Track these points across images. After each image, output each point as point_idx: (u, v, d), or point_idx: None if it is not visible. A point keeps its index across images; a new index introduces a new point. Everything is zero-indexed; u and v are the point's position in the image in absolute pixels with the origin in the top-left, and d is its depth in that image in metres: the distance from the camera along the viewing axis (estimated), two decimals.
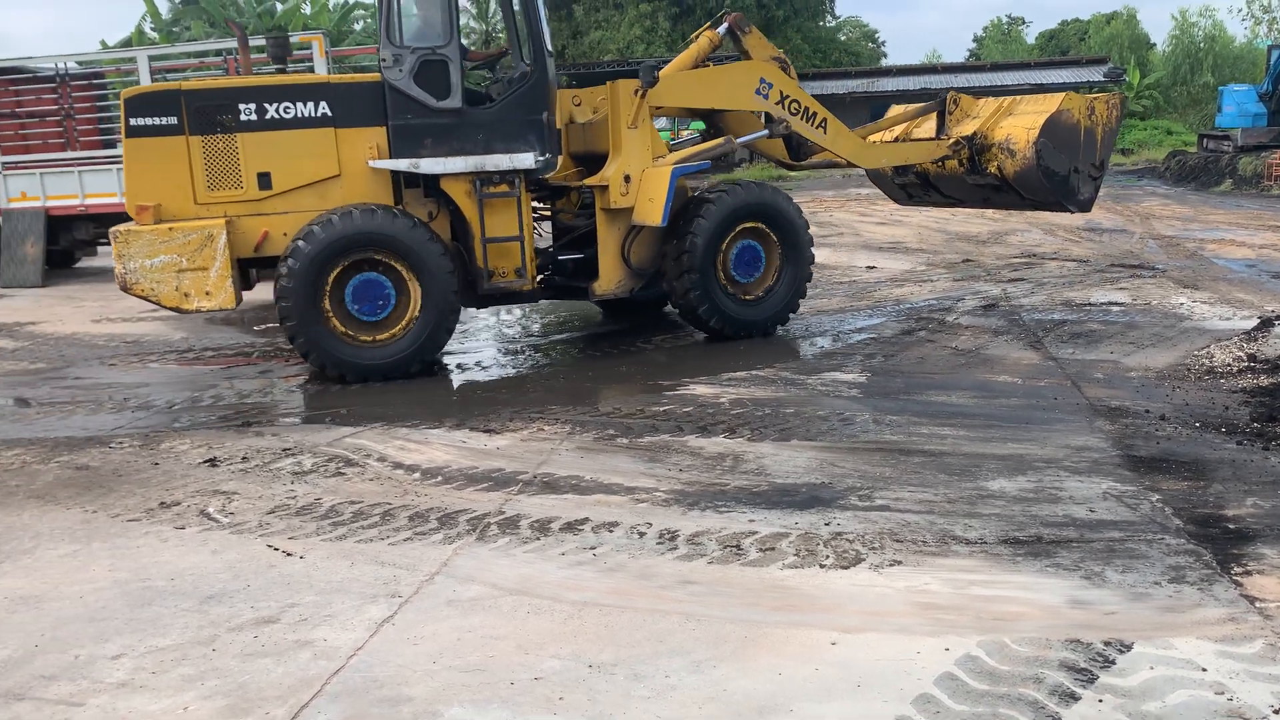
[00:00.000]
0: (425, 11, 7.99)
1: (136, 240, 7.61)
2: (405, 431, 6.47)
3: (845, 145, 9.22)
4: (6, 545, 4.79)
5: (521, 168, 8.04)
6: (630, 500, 5.01)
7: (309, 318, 7.63)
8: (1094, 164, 9.10)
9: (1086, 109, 8.97)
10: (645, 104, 8.32)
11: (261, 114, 7.83)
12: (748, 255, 8.73)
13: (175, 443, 6.43)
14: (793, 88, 8.92)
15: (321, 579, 4.26)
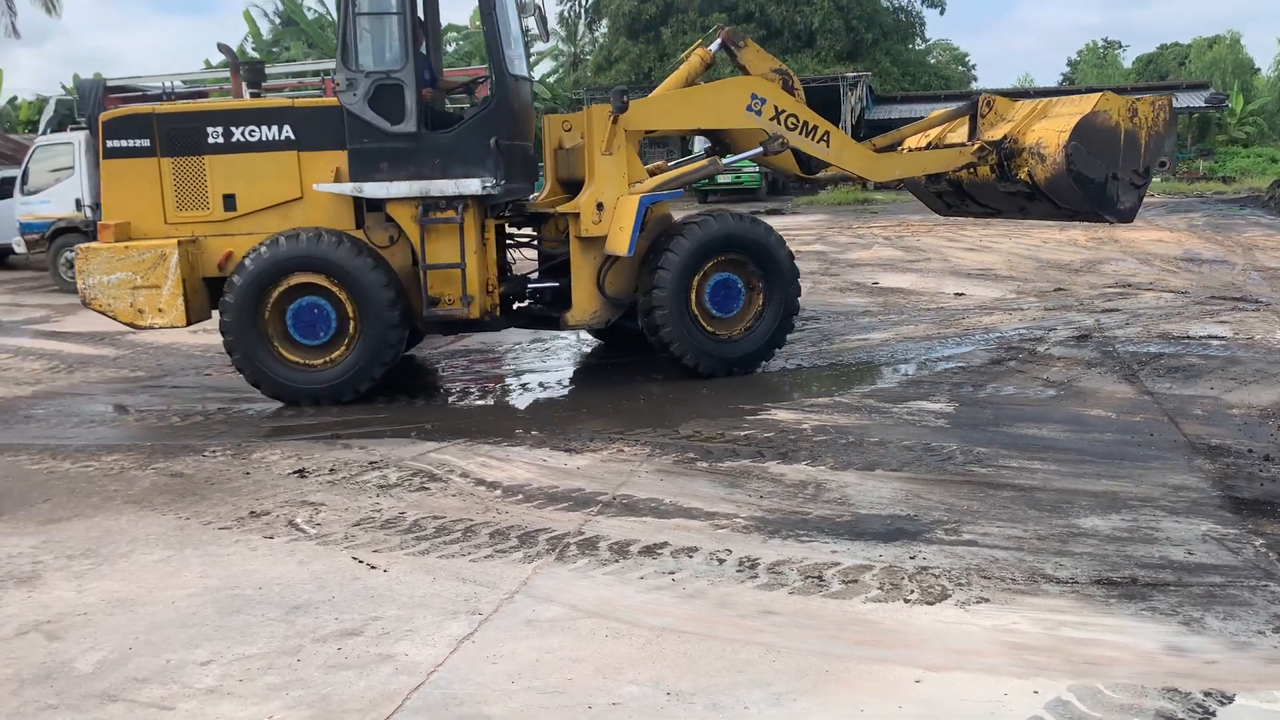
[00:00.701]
0: (380, 36, 7.96)
1: (96, 257, 7.82)
2: (487, 448, 6.53)
3: (852, 159, 8.83)
4: (105, 548, 4.95)
5: (467, 193, 7.85)
6: (710, 526, 4.98)
7: (248, 336, 7.71)
8: (1136, 170, 8.47)
9: (1127, 110, 8.39)
10: (619, 129, 8.10)
11: (228, 137, 7.94)
12: (725, 290, 8.31)
13: (266, 452, 6.59)
14: (789, 101, 8.53)
15: (404, 593, 4.31)
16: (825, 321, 10.88)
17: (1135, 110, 8.43)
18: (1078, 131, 8.23)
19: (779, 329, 8.44)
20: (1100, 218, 8.79)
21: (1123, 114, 8.38)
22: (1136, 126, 8.44)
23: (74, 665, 3.76)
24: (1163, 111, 8.56)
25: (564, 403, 7.87)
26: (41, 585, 4.53)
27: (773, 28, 43.84)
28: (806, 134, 8.54)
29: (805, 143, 8.58)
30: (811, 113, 8.57)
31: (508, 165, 7.98)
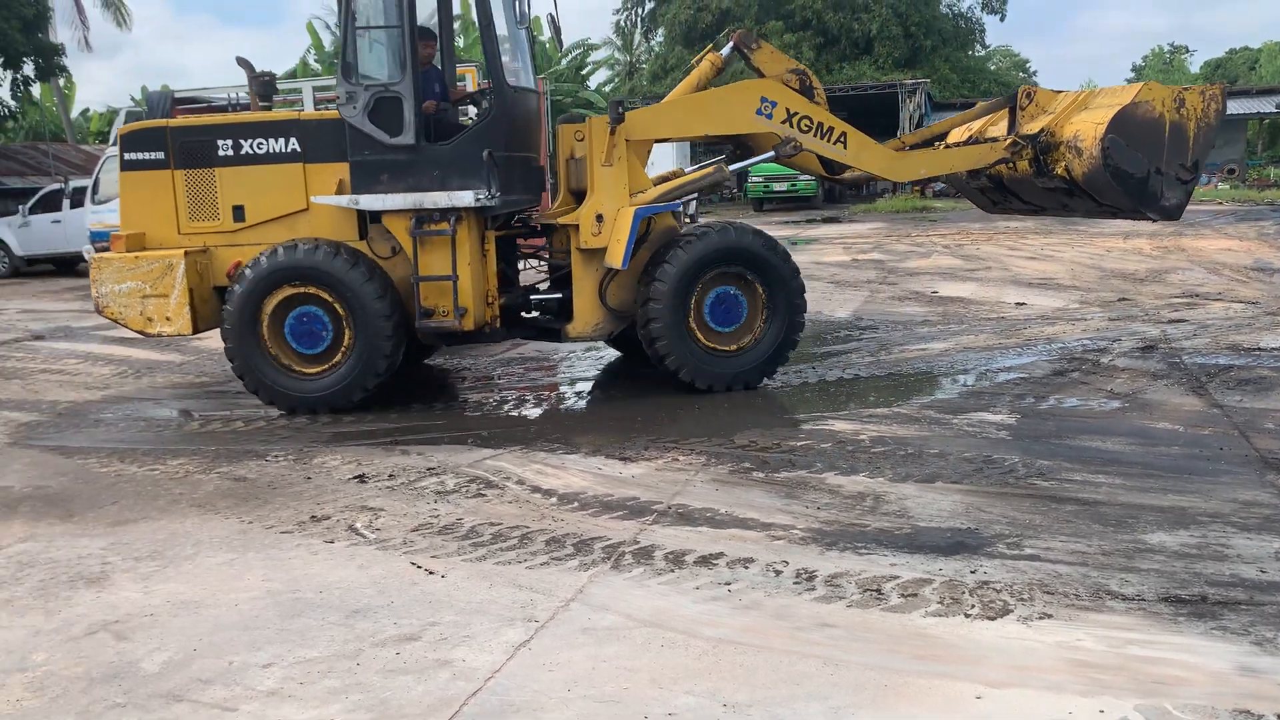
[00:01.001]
0: (379, 49, 8.05)
1: (108, 267, 8.12)
2: (543, 455, 6.56)
3: (871, 160, 8.54)
4: (170, 550, 5.06)
5: (460, 205, 7.81)
6: (766, 537, 4.95)
7: (247, 344, 7.87)
8: (1184, 165, 8.01)
9: (1173, 101, 7.95)
10: (619, 140, 8.04)
11: (237, 150, 8.13)
12: (725, 304, 8.15)
13: (327, 458, 6.68)
14: (802, 103, 8.27)
15: (461, 599, 4.34)
16: (883, 331, 10.77)
17: (1182, 100, 8.01)
18: (1115, 123, 7.84)
19: (782, 345, 8.23)
20: (1143, 215, 8.42)
21: (1168, 104, 7.96)
22: (1184, 118, 7.99)
23: (140, 665, 3.84)
24: (1214, 102, 8.09)
25: (618, 411, 7.88)
26: (110, 586, 4.63)
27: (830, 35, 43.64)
28: (821, 136, 8.32)
29: (820, 145, 8.35)
30: (826, 114, 8.36)
31: (507, 177, 7.98)
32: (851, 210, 34.51)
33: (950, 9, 47.27)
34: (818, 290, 14.34)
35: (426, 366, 9.86)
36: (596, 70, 45.36)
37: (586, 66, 43.76)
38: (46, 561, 4.96)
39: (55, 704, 3.57)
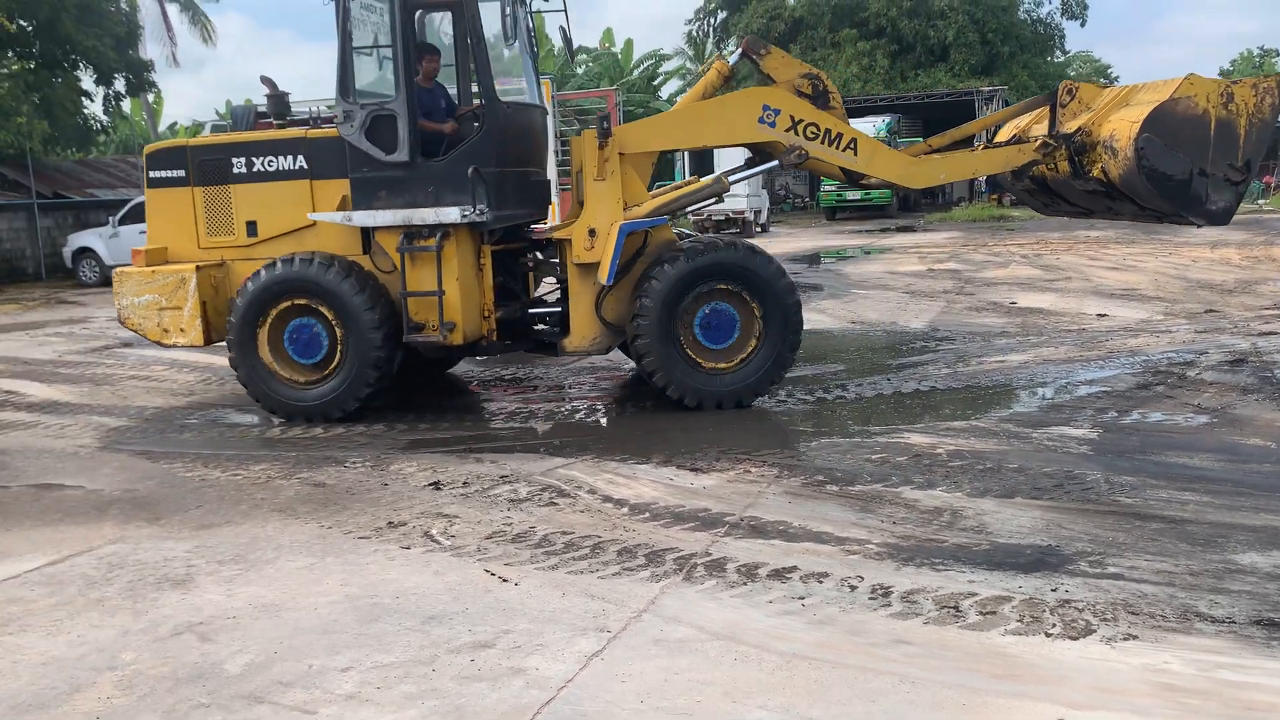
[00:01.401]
0: (374, 68, 8.22)
1: (128, 280, 8.49)
2: (614, 465, 6.57)
3: (885, 166, 8.23)
4: (252, 554, 5.18)
5: (447, 221, 7.89)
6: (841, 551, 4.89)
7: (248, 354, 8.13)
8: (1233, 165, 7.49)
9: (1220, 96, 7.45)
10: (611, 154, 7.99)
11: (250, 167, 8.38)
12: (718, 320, 7.98)
13: (403, 465, 6.79)
14: (807, 110, 8.05)
15: (534, 607, 4.36)
16: (960, 342, 10.60)
17: (1230, 95, 7.49)
18: (1151, 121, 7.38)
19: (775, 364, 8.00)
20: (1186, 220, 7.97)
21: (1213, 100, 7.46)
22: (1233, 114, 7.47)
23: (223, 666, 3.93)
24: (1269, 95, 7.53)
25: (689, 421, 7.85)
26: (194, 588, 4.76)
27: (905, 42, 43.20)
28: (830, 143, 8.09)
29: (829, 152, 8.11)
30: (834, 119, 8.13)
31: (500, 192, 8.00)
32: (926, 219, 34.08)
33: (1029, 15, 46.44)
34: (892, 300, 14.19)
35: (500, 376, 9.95)
36: (668, 80, 45.47)
37: (658, 76, 43.91)
38: (135, 563, 5.11)
39: (143, 702, 3.67)
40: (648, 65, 43.19)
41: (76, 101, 26.43)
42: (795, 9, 45.43)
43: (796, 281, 17.19)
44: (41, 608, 4.58)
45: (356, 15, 8.06)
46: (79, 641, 4.21)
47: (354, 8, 8.01)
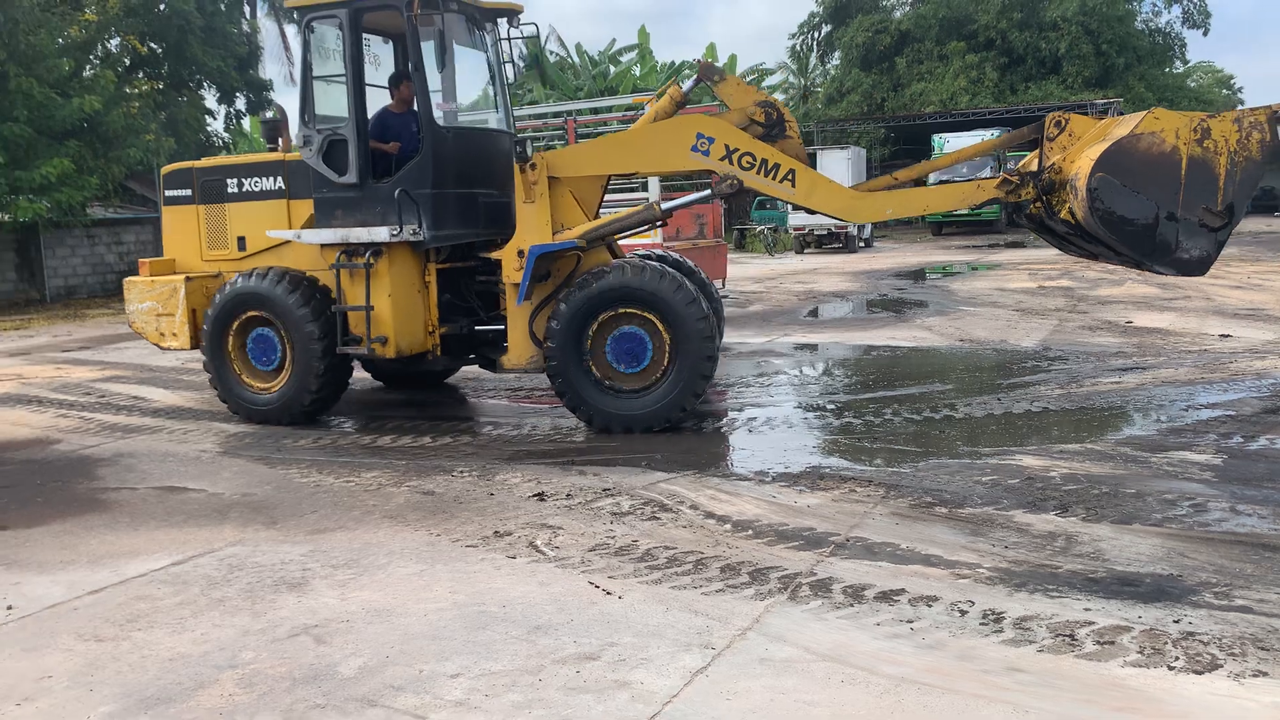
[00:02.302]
0: (330, 96, 8.65)
1: (134, 288, 9.44)
2: (716, 481, 6.56)
3: (825, 199, 7.97)
4: (365, 559, 5.32)
5: (377, 240, 8.30)
6: (950, 575, 4.79)
7: (217, 360, 8.89)
8: (1210, 209, 6.78)
9: (1191, 132, 6.78)
10: (539, 178, 8.14)
11: (240, 187, 9.12)
12: (629, 344, 7.95)
13: (508, 475, 6.89)
14: (743, 139, 7.91)
15: (639, 621, 4.38)
16: (1073, 362, 10.29)
17: (1206, 130, 6.81)
18: (1106, 160, 6.83)
19: (685, 389, 7.87)
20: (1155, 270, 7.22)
21: (1184, 135, 6.81)
22: (1210, 151, 6.78)
23: (338, 669, 4.04)
24: (1257, 130, 6.74)
25: (792, 439, 7.80)
26: (310, 591, 4.90)
27: (1015, 55, 42.28)
28: (766, 173, 7.90)
29: (765, 183, 7.96)
30: (773, 150, 7.94)
31: (438, 213, 8.36)
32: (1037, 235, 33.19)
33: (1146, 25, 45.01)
34: (1001, 318, 13.87)
35: None
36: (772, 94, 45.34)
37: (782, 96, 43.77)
38: (254, 565, 5.30)
39: (262, 701, 3.80)
40: (750, 80, 43.11)
41: (200, 119, 27.65)
42: (901, 22, 44.89)
43: (900, 298, 16.98)
44: (167, 605, 4.78)
45: (317, 45, 8.68)
46: (202, 639, 4.38)
47: (313, 39, 8.65)
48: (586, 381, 8.02)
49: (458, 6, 8.66)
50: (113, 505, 6.56)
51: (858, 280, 21.29)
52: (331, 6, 8.44)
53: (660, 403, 7.94)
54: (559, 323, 7.94)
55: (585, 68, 40.85)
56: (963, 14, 43.21)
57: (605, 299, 7.90)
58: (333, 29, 8.57)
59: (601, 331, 8.00)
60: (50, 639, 4.44)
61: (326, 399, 8.81)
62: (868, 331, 13.44)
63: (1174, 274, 7.23)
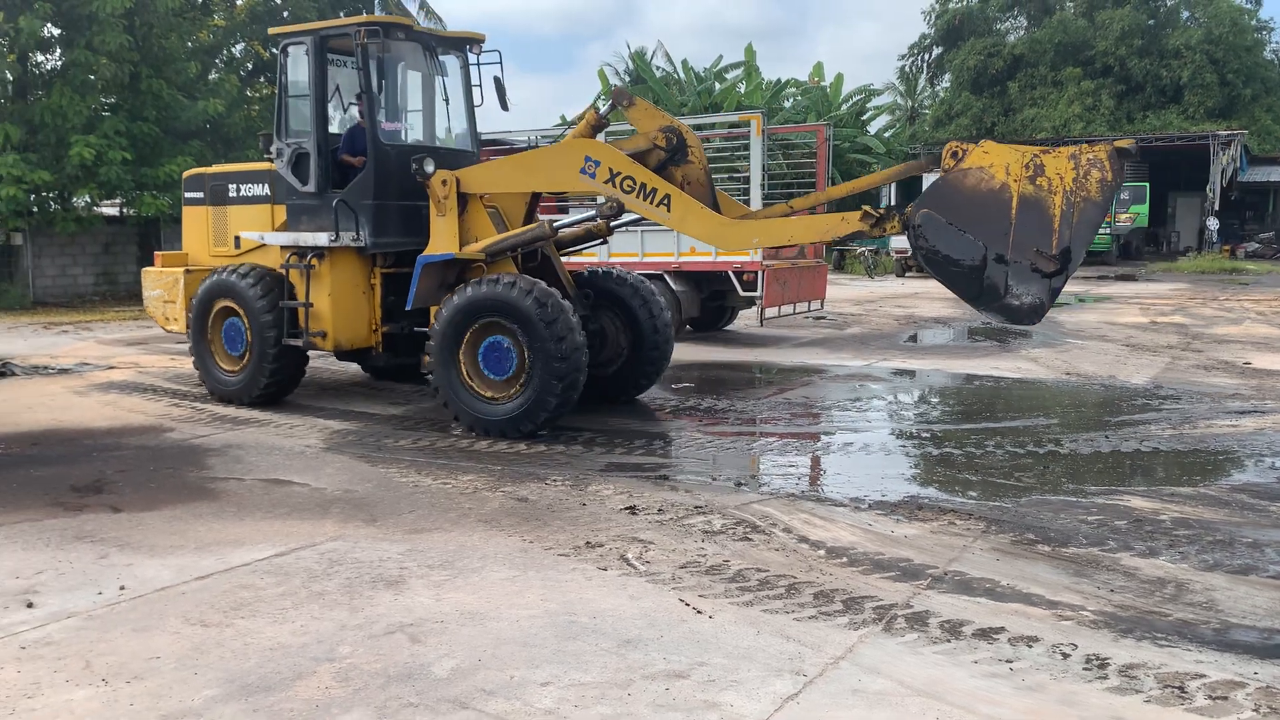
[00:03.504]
0: (298, 113, 9.59)
1: (148, 278, 10.91)
2: (810, 505, 6.48)
3: (697, 225, 8.07)
4: (460, 561, 5.39)
5: (320, 245, 9.22)
6: (1052, 615, 4.64)
7: (199, 346, 10.06)
8: (1043, 253, 6.22)
9: (1023, 168, 6.26)
10: (449, 193, 8.73)
11: (238, 191, 10.24)
12: (497, 353, 8.39)
13: (600, 487, 6.92)
14: (626, 164, 8.08)
15: (729, 642, 4.34)
16: (1186, 402, 9.91)
17: (1040, 167, 6.27)
18: (931, 196, 6.47)
19: (542, 397, 8.14)
20: (995, 316, 6.64)
21: (1015, 172, 6.30)
22: (1045, 190, 6.23)
23: (431, 669, 4.10)
24: (1096, 169, 6.18)
25: (889, 466, 7.67)
26: (406, 590, 4.99)
27: (1133, 82, 41.09)
28: (644, 197, 8.04)
29: (642, 206, 8.13)
30: (652, 175, 8.08)
31: (379, 222, 9.18)
32: (1149, 268, 32.18)
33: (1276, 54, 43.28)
34: (1110, 353, 13.45)
35: (694, 406, 10.00)
36: (877, 115, 44.81)
37: (867, 112, 43.34)
38: (353, 561, 5.41)
39: (357, 696, 3.87)
40: (857, 100, 42.71)
41: None
42: (1015, 46, 43.99)
43: (1004, 328, 16.56)
44: (270, 596, 4.92)
45: (291, 67, 9.65)
46: (301, 631, 4.49)
47: (288, 62, 9.64)
48: (460, 386, 8.54)
49: (405, 35, 9.45)
50: (221, 494, 6.78)
51: (960, 307, 20.87)
52: (301, 34, 9.53)
53: (516, 411, 8.29)
54: (436, 330, 8.58)
55: (690, 84, 40.97)
56: (1080, 39, 42.15)
57: (472, 309, 8.40)
58: (303, 53, 9.50)
59: (474, 340, 8.51)
60: (159, 621, 4.61)
61: (280, 384, 9.82)
62: (970, 360, 13.16)
63: (1003, 321, 6.73)
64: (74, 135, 19.59)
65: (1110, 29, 41.12)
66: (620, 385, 9.80)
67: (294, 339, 9.50)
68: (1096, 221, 6.26)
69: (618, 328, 9.68)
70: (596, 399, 9.61)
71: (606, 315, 9.67)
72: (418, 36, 9.69)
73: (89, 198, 20.98)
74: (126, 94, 21.00)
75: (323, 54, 9.37)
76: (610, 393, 9.80)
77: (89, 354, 13.61)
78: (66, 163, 19.57)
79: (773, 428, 9.09)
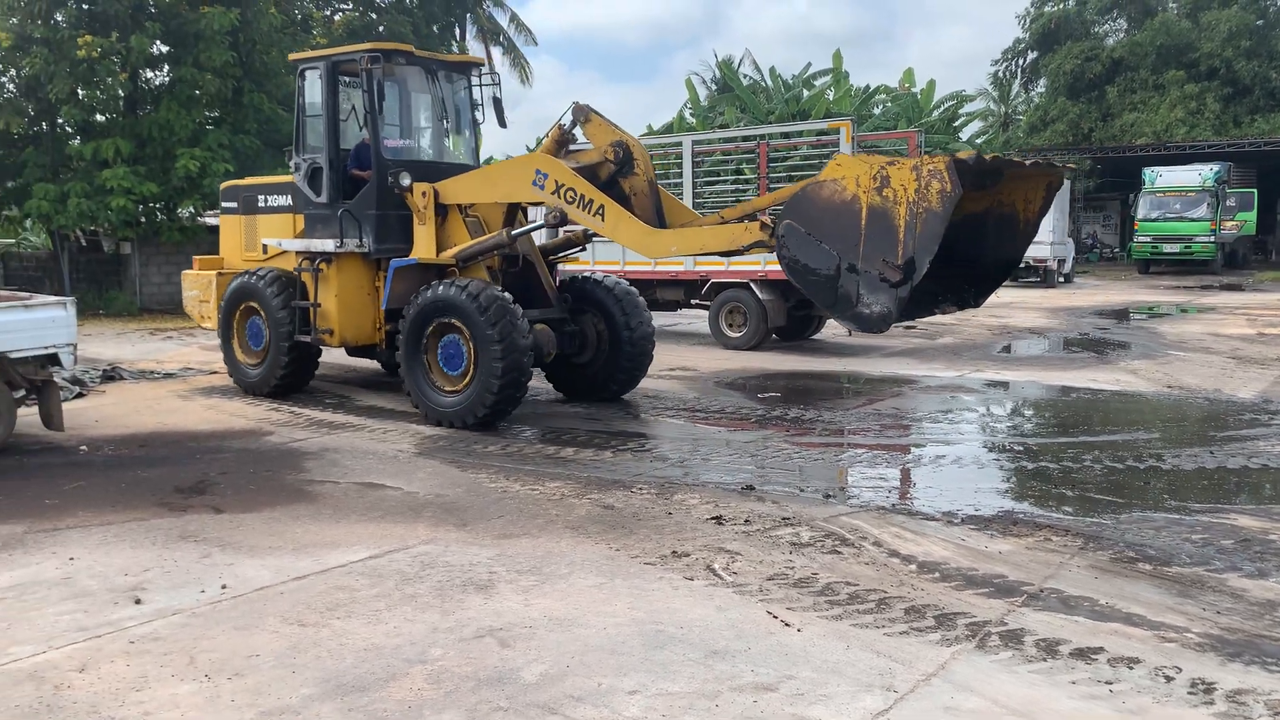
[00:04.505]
0: (313, 131, 10.56)
1: (187, 279, 12.10)
2: (901, 519, 6.39)
3: (625, 234, 8.65)
4: (547, 568, 5.44)
5: (328, 250, 10.13)
6: (1155, 637, 4.49)
7: (227, 341, 11.13)
8: (889, 262, 6.31)
9: (871, 179, 6.36)
10: (428, 202, 9.64)
11: (265, 201, 11.31)
12: (452, 350, 9.16)
13: (686, 496, 6.91)
14: (570, 177, 8.78)
15: (818, 656, 4.30)
16: None
17: (886, 178, 6.34)
18: (792, 207, 6.62)
19: (478, 396, 8.89)
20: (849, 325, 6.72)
21: (864, 183, 6.41)
22: (889, 201, 6.31)
23: (520, 674, 4.14)
24: (936, 180, 6.18)
25: (982, 479, 7.51)
26: (495, 594, 5.06)
27: (1240, 85, 39.58)
28: (583, 208, 8.69)
29: (582, 215, 8.77)
30: (590, 187, 8.69)
31: (380, 230, 10.01)
32: (1256, 277, 30.98)
33: None
34: (1215, 365, 12.98)
35: (780, 416, 9.93)
36: (969, 122, 43.97)
37: (959, 118, 42.53)
38: (444, 564, 5.51)
39: (449, 698, 3.93)
40: (948, 106, 41.96)
41: None
42: (1115, 49, 42.73)
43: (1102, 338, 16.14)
44: (364, 597, 5.03)
45: (307, 90, 10.56)
46: (394, 633, 4.58)
47: (305, 85, 10.56)
48: (423, 380, 9.36)
49: (406, 60, 10.36)
50: (317, 497, 6.96)
51: (1055, 317, 20.35)
52: (316, 60, 10.52)
53: (462, 404, 9.07)
54: (403, 330, 9.39)
55: (778, 91, 40.74)
56: (1183, 41, 40.75)
57: (427, 310, 9.21)
58: (317, 77, 10.42)
59: (434, 338, 9.30)
60: (259, 620, 4.74)
61: (295, 376, 10.77)
62: (1066, 372, 12.82)
63: (856, 329, 6.79)
64: (180, 148, 20.32)
65: (1216, 30, 39.66)
66: (600, 382, 10.48)
67: (304, 335, 10.38)
68: (938, 233, 6.23)
69: (598, 330, 10.38)
70: (583, 393, 10.61)
71: (588, 318, 10.39)
72: (419, 61, 10.57)
73: (193, 208, 21.73)
74: (230, 108, 21.71)
75: (334, 78, 10.29)
76: (592, 389, 10.57)
77: (192, 359, 14.09)
78: (173, 175, 20.29)
79: (862, 439, 8.98)
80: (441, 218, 9.81)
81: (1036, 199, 7.39)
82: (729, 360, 13.86)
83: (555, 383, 10.88)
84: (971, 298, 7.87)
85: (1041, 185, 7.38)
